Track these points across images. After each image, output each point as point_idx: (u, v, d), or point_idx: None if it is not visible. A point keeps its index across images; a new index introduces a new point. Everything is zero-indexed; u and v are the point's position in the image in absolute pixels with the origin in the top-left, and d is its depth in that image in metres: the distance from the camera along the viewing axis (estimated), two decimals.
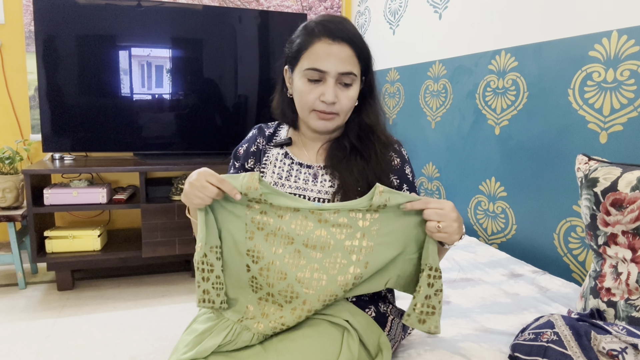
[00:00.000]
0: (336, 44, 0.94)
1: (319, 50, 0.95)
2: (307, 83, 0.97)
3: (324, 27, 0.96)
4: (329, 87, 0.95)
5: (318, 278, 0.88)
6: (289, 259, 0.89)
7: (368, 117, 1.04)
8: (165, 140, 2.71)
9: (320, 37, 0.95)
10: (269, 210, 0.90)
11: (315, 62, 0.95)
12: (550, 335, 0.88)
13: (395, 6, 2.68)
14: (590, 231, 1.11)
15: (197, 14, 2.67)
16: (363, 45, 0.98)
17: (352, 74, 0.96)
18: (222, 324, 0.90)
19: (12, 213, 2.32)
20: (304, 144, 1.08)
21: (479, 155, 2.03)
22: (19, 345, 1.83)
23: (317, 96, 0.96)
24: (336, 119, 0.99)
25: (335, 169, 1.01)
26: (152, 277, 2.62)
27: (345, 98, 0.97)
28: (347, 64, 0.95)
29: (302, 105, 0.99)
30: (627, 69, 1.37)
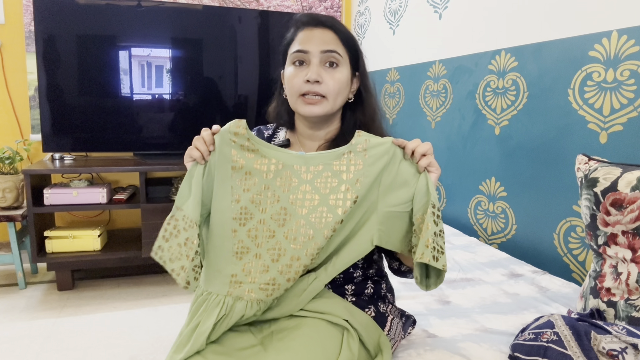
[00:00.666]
0: (318, 29, 0.98)
1: (302, 36, 0.99)
2: (293, 68, 0.99)
3: (306, 16, 1.00)
4: (312, 66, 0.96)
5: (304, 233, 0.88)
6: (275, 216, 0.89)
7: (363, 114, 1.04)
8: (165, 140, 2.71)
9: (304, 26, 0.99)
10: (254, 170, 0.90)
11: (299, 45, 0.98)
12: (550, 335, 0.88)
13: (395, 6, 2.68)
14: (590, 231, 1.11)
15: (197, 14, 2.67)
16: (348, 33, 1.00)
17: (335, 52, 0.96)
18: (213, 301, 0.89)
19: (12, 213, 2.32)
20: (302, 145, 1.08)
21: (479, 155, 2.03)
22: (19, 345, 1.83)
23: (303, 78, 0.96)
24: (323, 103, 0.98)
25: None
26: (152, 277, 2.62)
27: (331, 79, 0.97)
28: (330, 44, 0.97)
29: (291, 91, 1.00)
30: (627, 69, 1.37)
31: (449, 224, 2.21)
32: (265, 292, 0.89)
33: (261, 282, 0.89)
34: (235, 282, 0.90)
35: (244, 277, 0.90)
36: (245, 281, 0.89)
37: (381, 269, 1.10)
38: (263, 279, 0.89)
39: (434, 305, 1.30)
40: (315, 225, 0.88)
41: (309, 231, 0.88)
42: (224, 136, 0.91)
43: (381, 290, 1.06)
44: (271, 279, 0.89)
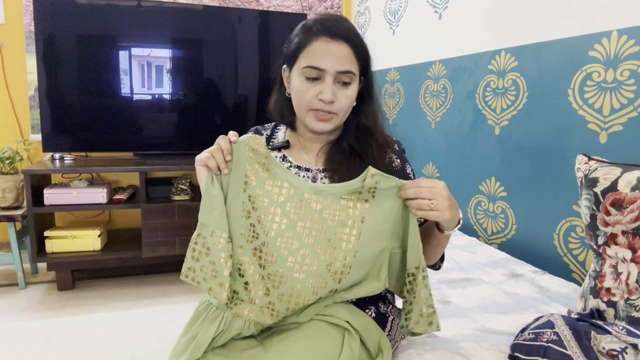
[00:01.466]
0: (335, 42, 0.94)
1: (317, 48, 0.94)
2: (304, 81, 0.95)
3: (322, 25, 0.95)
4: (327, 85, 0.94)
5: (309, 263, 0.87)
6: (281, 242, 0.87)
7: (366, 118, 1.03)
8: (165, 140, 2.71)
9: (319, 35, 0.94)
10: (265, 190, 0.89)
11: (314, 60, 0.94)
12: (550, 335, 0.88)
13: (395, 6, 2.68)
14: (590, 231, 1.11)
15: (197, 14, 2.67)
16: (362, 44, 0.97)
17: (350, 72, 0.95)
18: (212, 314, 0.89)
19: (12, 213, 2.32)
20: (302, 146, 1.06)
21: (479, 155, 2.03)
22: (19, 345, 1.83)
23: (315, 95, 0.95)
24: (334, 119, 0.98)
25: (335, 173, 0.99)
26: (152, 277, 2.62)
27: (344, 97, 0.96)
28: (346, 62, 0.94)
29: (300, 104, 0.98)
30: (627, 69, 1.37)
31: None
32: (264, 316, 0.88)
33: (261, 304, 0.88)
34: (237, 298, 0.89)
35: (245, 295, 0.88)
36: (245, 300, 0.88)
37: None
38: (263, 302, 0.88)
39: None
40: (319, 256, 0.87)
41: (314, 262, 0.87)
42: (241, 149, 0.89)
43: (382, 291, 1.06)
44: (270, 304, 0.88)
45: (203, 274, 0.87)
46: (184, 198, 2.49)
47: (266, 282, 0.88)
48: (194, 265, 0.87)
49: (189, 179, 2.57)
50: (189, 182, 2.56)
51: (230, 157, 0.88)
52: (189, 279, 0.88)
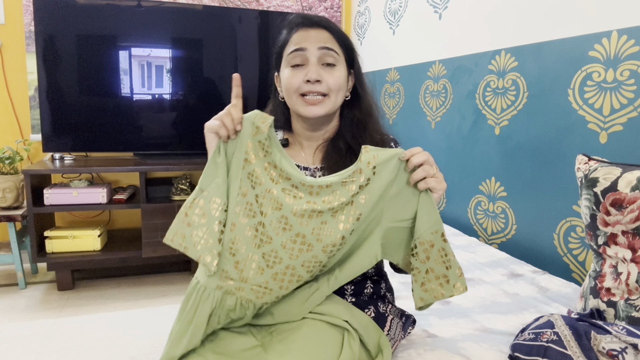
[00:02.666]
0: (313, 29, 0.98)
1: (297, 37, 0.98)
2: (291, 70, 0.98)
3: (299, 17, 1.00)
4: (312, 64, 0.96)
5: (303, 244, 0.86)
6: (275, 223, 0.87)
7: (360, 111, 1.03)
8: (165, 140, 2.71)
9: (298, 27, 0.99)
10: (262, 171, 0.88)
11: (295, 44, 0.97)
12: (550, 335, 0.88)
13: (395, 6, 2.68)
14: (590, 231, 1.11)
15: (197, 14, 2.67)
16: (341, 32, 1.00)
17: (332, 50, 0.97)
18: (202, 294, 0.87)
19: (12, 213, 2.32)
20: (300, 146, 1.07)
21: (479, 155, 2.03)
22: (19, 345, 1.83)
23: (302, 78, 0.96)
24: (325, 102, 0.98)
25: (332, 171, 0.97)
26: (152, 277, 2.62)
27: (331, 77, 0.96)
28: (326, 42, 0.97)
29: (289, 92, 0.98)
30: (627, 69, 1.37)
31: (449, 224, 2.21)
32: (255, 294, 0.87)
33: (253, 283, 0.87)
34: (226, 277, 0.87)
35: (236, 274, 0.87)
36: (236, 279, 0.87)
37: (380, 269, 1.09)
38: (255, 281, 0.87)
39: (434, 305, 1.30)
40: (315, 238, 0.86)
41: (308, 243, 0.86)
42: (246, 124, 0.89)
43: (380, 290, 1.06)
44: (264, 282, 0.87)
45: (194, 239, 0.85)
46: (184, 198, 2.49)
47: (260, 261, 0.87)
48: (183, 230, 0.86)
49: (189, 179, 2.57)
50: (189, 182, 2.56)
51: (240, 126, 0.88)
52: (175, 244, 0.86)
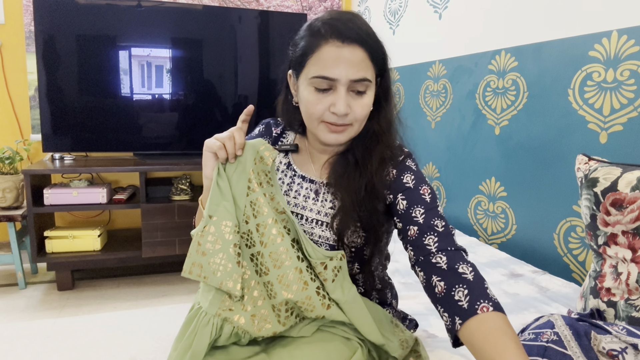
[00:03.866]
0: (346, 47, 0.81)
1: (326, 54, 0.82)
2: (314, 92, 0.84)
3: (331, 26, 0.83)
4: (340, 96, 0.83)
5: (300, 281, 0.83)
6: (274, 255, 0.84)
7: (379, 124, 0.92)
8: (165, 140, 2.71)
9: (328, 38, 0.82)
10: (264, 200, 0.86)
11: (323, 69, 0.82)
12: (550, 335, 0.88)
13: (395, 6, 2.68)
14: (590, 231, 1.11)
15: (197, 14, 2.67)
16: (377, 45, 0.85)
17: (365, 80, 0.83)
18: (202, 320, 0.84)
19: (12, 213, 2.32)
20: (310, 155, 0.98)
21: (479, 155, 2.03)
22: (19, 345, 1.83)
23: (327, 107, 0.84)
24: (349, 130, 0.87)
25: (337, 187, 0.90)
26: (152, 277, 2.62)
27: (359, 107, 0.85)
28: (360, 69, 0.82)
29: (310, 117, 0.87)
30: (627, 69, 1.37)
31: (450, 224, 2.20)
32: (253, 326, 0.85)
33: (253, 312, 0.85)
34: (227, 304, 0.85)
35: (237, 302, 0.86)
36: (236, 308, 0.85)
37: (385, 277, 1.06)
38: (255, 310, 0.85)
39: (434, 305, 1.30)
40: (311, 277, 0.84)
41: (304, 281, 0.84)
42: (250, 150, 0.86)
43: (387, 298, 1.05)
44: (264, 312, 0.85)
45: (213, 267, 0.82)
46: (184, 198, 2.49)
47: (261, 290, 0.86)
48: (199, 260, 0.83)
49: (189, 179, 2.57)
50: (189, 182, 2.56)
51: (241, 152, 0.85)
52: (194, 275, 0.83)
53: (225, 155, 0.83)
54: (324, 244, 0.92)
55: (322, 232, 0.91)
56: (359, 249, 0.92)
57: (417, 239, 0.83)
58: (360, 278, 0.98)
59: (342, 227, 0.88)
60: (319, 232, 0.92)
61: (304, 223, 0.93)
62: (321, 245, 0.92)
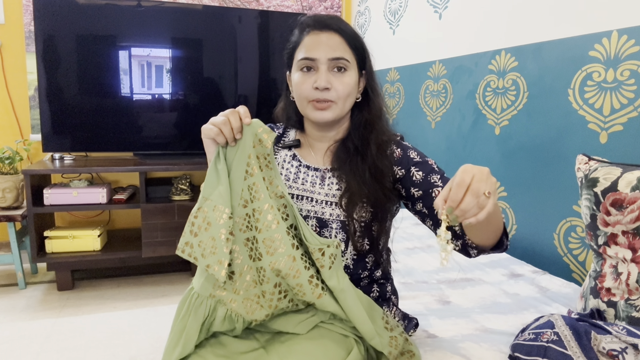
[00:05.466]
0: (324, 33, 0.96)
1: (308, 41, 0.97)
2: (301, 74, 0.97)
3: (312, 19, 0.99)
4: (321, 73, 0.95)
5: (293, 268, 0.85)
6: (267, 241, 0.85)
7: (370, 113, 1.02)
8: (165, 140, 2.71)
9: (310, 30, 0.98)
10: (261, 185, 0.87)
11: (306, 52, 0.96)
12: (550, 335, 0.88)
13: (395, 6, 2.68)
14: (590, 231, 1.11)
15: (197, 14, 2.67)
16: (354, 35, 0.99)
17: (343, 58, 0.96)
18: (195, 301, 0.87)
19: (12, 213, 2.32)
20: (311, 146, 1.06)
21: (479, 155, 2.03)
22: (19, 345, 1.83)
23: (311, 84, 0.95)
24: (333, 107, 0.97)
25: (342, 172, 0.99)
26: (152, 277, 2.62)
27: (340, 83, 0.95)
28: (337, 49, 0.96)
29: (299, 97, 0.98)
30: (627, 69, 1.37)
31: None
32: (246, 309, 0.86)
33: (245, 296, 0.86)
34: (220, 286, 0.87)
35: (229, 285, 0.87)
36: (229, 289, 0.87)
37: (387, 271, 1.09)
38: (247, 294, 0.86)
39: (434, 305, 1.30)
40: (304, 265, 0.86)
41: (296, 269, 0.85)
42: (248, 133, 0.87)
43: (386, 292, 1.06)
44: (255, 296, 0.87)
45: (201, 249, 0.83)
46: (184, 198, 2.49)
47: (254, 275, 0.87)
48: (191, 240, 0.84)
49: (189, 179, 2.57)
50: (189, 182, 2.56)
51: (240, 135, 0.87)
52: (186, 254, 0.85)
53: (224, 141, 0.86)
54: (335, 220, 0.98)
55: (332, 210, 0.98)
56: (368, 225, 0.98)
57: None
58: (370, 260, 1.01)
59: (350, 205, 0.96)
60: (329, 211, 0.98)
61: (315, 204, 1.00)
62: (332, 222, 0.97)
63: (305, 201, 1.00)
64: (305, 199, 1.00)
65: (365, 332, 0.88)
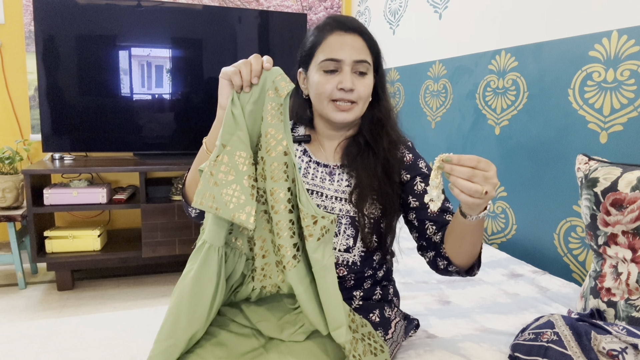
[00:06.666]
0: (349, 35, 0.97)
1: (332, 41, 0.97)
2: (323, 74, 0.97)
3: (335, 21, 0.99)
4: (346, 74, 0.96)
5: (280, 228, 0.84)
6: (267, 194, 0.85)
7: (380, 111, 1.04)
8: (165, 140, 2.71)
9: (333, 30, 0.98)
10: (276, 137, 0.84)
11: (331, 52, 0.96)
12: (550, 335, 0.88)
13: (395, 6, 2.68)
14: (590, 231, 1.11)
15: (197, 14, 2.67)
16: (373, 38, 1.01)
17: (366, 62, 0.97)
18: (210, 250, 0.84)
19: (12, 213, 2.32)
20: (320, 143, 1.07)
21: (479, 155, 2.02)
22: (19, 345, 1.83)
23: (335, 85, 0.96)
24: (355, 109, 0.98)
25: (352, 167, 1.01)
26: (152, 277, 2.62)
27: (362, 85, 0.97)
28: (361, 52, 0.97)
29: (320, 96, 0.98)
30: (627, 69, 1.37)
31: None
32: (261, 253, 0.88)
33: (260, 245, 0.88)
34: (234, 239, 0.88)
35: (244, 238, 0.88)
36: (243, 241, 0.88)
37: (389, 273, 1.09)
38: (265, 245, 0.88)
39: (434, 306, 1.30)
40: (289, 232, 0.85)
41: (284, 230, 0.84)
42: (268, 80, 0.84)
43: (388, 294, 1.06)
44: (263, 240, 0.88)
45: (225, 199, 0.80)
46: None
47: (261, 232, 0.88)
48: (212, 191, 0.80)
49: None
50: None
51: (257, 80, 0.84)
52: (205, 207, 0.80)
53: (240, 82, 0.84)
54: (345, 216, 0.99)
55: (342, 206, 0.99)
56: (377, 221, 0.99)
57: (438, 215, 0.98)
58: (377, 258, 1.02)
59: (361, 200, 0.97)
60: (339, 206, 1.00)
61: (325, 199, 1.01)
62: (342, 217, 0.98)
63: (315, 196, 1.01)
64: (315, 193, 1.01)
65: (334, 317, 0.83)
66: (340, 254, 0.99)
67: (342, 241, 0.99)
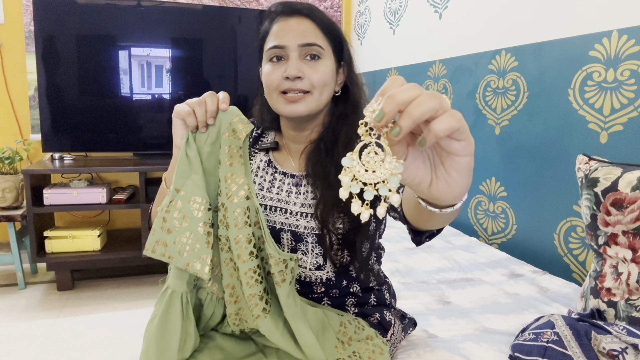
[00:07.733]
0: (293, 18, 0.87)
1: (276, 28, 0.88)
2: (270, 65, 0.88)
3: (280, 5, 0.90)
4: (291, 60, 0.85)
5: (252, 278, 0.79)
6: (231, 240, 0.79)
7: (345, 106, 0.93)
8: (166, 140, 2.71)
9: (278, 17, 0.89)
10: (231, 180, 0.79)
11: (274, 40, 0.87)
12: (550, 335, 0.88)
13: (395, 6, 2.68)
14: (591, 231, 1.11)
15: (197, 14, 2.67)
16: (326, 20, 0.89)
17: (315, 44, 0.86)
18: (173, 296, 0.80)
19: (11, 213, 2.32)
20: (288, 149, 0.98)
21: (479, 155, 2.03)
22: (19, 345, 1.83)
23: (281, 74, 0.86)
24: (307, 99, 0.87)
25: (314, 178, 0.89)
26: (151, 277, 2.62)
27: (314, 71, 0.86)
28: (308, 35, 0.86)
29: (269, 89, 0.89)
30: (627, 68, 1.37)
31: (450, 224, 2.21)
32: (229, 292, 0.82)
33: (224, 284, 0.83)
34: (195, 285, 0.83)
35: (215, 276, 0.83)
36: (216, 280, 0.84)
37: (380, 273, 1.04)
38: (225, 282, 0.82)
39: (434, 305, 1.30)
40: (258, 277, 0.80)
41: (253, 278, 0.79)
42: (224, 120, 0.78)
43: (385, 299, 1.02)
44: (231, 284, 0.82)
45: (178, 247, 0.75)
46: None
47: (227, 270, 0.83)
48: (164, 238, 0.76)
49: None
50: None
51: (213, 121, 0.78)
52: (158, 254, 0.76)
53: (194, 123, 0.78)
54: (310, 234, 0.90)
55: (307, 223, 0.90)
56: (345, 235, 0.88)
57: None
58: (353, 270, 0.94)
59: (325, 215, 0.86)
60: (304, 224, 0.90)
61: (289, 216, 0.91)
62: (307, 236, 0.90)
63: (279, 213, 0.91)
64: (278, 210, 0.92)
65: (313, 357, 0.80)
66: (311, 273, 0.92)
67: (312, 260, 0.91)
